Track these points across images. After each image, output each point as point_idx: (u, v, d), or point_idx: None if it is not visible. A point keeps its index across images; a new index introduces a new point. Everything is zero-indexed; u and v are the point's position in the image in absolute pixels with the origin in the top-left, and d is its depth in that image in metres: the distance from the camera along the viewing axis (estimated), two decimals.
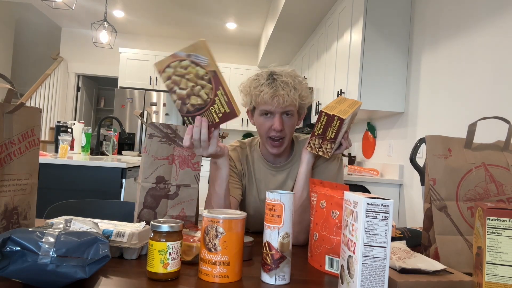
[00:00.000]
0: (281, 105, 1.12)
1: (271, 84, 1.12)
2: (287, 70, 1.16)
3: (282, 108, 1.13)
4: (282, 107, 1.12)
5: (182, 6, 5.00)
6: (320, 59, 4.09)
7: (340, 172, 1.26)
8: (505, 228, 0.65)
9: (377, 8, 2.83)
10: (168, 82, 0.96)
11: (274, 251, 0.74)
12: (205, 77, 0.94)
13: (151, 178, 1.03)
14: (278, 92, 1.10)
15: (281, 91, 1.10)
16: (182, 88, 0.96)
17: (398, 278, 0.69)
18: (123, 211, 1.40)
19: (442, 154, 0.92)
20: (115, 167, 2.56)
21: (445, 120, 2.34)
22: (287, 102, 1.11)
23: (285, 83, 1.11)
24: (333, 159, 1.25)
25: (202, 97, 0.96)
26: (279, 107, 1.12)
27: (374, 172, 3.00)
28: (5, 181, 0.78)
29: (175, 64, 0.94)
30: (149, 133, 1.04)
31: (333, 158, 1.25)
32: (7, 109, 0.79)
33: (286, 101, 1.11)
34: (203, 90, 0.95)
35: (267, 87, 1.11)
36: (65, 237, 0.66)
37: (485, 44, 2.03)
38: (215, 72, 0.93)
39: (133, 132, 5.47)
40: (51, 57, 6.49)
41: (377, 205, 0.62)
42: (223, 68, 6.09)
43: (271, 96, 1.11)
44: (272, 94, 1.10)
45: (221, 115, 0.97)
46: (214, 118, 0.97)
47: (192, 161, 1.07)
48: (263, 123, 1.17)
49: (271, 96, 1.10)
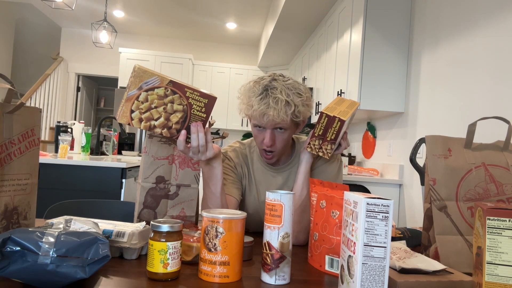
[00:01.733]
0: (270, 122, 1.10)
1: (263, 99, 1.07)
2: (287, 82, 1.12)
3: (272, 125, 1.11)
4: (272, 124, 1.11)
5: (182, 6, 5.00)
6: (320, 59, 4.09)
7: (340, 173, 1.27)
8: (505, 228, 0.65)
9: (377, 8, 2.83)
10: (143, 124, 0.94)
11: (274, 251, 0.74)
12: (167, 93, 0.93)
13: (151, 178, 1.03)
14: (267, 111, 1.07)
15: (271, 111, 1.06)
16: (158, 118, 0.95)
17: (398, 278, 0.69)
18: (123, 211, 1.40)
19: (442, 154, 0.93)
20: (115, 167, 2.56)
21: (445, 120, 2.34)
22: (276, 120, 1.08)
23: (277, 100, 1.06)
24: (333, 160, 1.25)
25: (179, 110, 0.95)
26: (269, 124, 1.11)
27: (374, 172, 3.00)
28: (5, 181, 0.78)
29: (134, 105, 0.93)
30: (149, 133, 1.04)
31: (333, 159, 1.25)
32: (7, 109, 0.79)
33: (275, 120, 1.08)
34: (175, 104, 0.94)
35: (258, 104, 1.08)
36: (65, 237, 0.66)
37: (485, 44, 2.03)
38: (171, 81, 0.93)
39: (133, 132, 5.47)
40: (51, 57, 6.49)
41: (377, 205, 0.62)
42: (223, 68, 6.10)
43: (260, 114, 1.08)
44: (261, 111, 1.08)
45: (204, 109, 0.96)
46: (200, 116, 0.97)
47: (192, 161, 1.07)
48: (256, 135, 1.18)
49: (260, 113, 1.08)
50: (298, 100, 1.09)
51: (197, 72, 6.07)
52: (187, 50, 6.41)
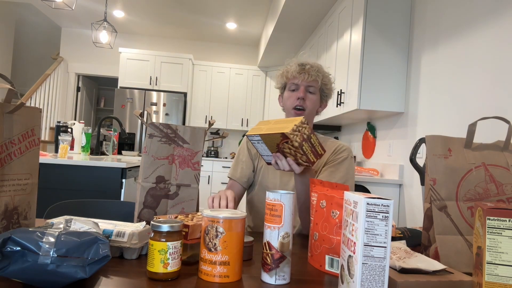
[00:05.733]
0: (306, 79, 1.33)
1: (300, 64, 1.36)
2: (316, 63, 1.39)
3: (307, 82, 1.34)
4: (307, 81, 1.34)
5: (182, 6, 5.00)
6: (320, 59, 4.09)
7: (352, 175, 1.36)
8: (505, 228, 0.65)
9: (377, 8, 2.83)
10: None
11: (274, 251, 0.74)
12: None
13: (151, 178, 1.03)
14: (305, 66, 1.34)
15: (308, 66, 1.34)
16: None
17: (398, 278, 0.69)
18: (123, 211, 1.40)
19: (442, 154, 0.93)
20: (115, 167, 2.56)
21: (445, 120, 2.34)
22: (311, 78, 1.33)
23: (311, 66, 1.35)
24: (342, 160, 1.34)
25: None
26: (304, 80, 1.34)
27: (374, 172, 3.00)
28: (5, 181, 0.78)
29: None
30: (149, 133, 1.04)
31: (342, 160, 1.34)
32: (7, 109, 0.79)
33: (311, 76, 1.32)
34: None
35: (296, 64, 1.36)
36: (66, 237, 0.66)
37: (485, 44, 2.03)
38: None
39: (133, 132, 5.47)
40: (51, 57, 6.49)
41: (377, 205, 0.62)
42: (223, 68, 6.10)
43: (299, 72, 1.34)
44: (299, 70, 1.34)
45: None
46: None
47: (192, 161, 1.07)
48: (290, 96, 1.37)
49: (298, 71, 1.34)
50: (325, 73, 1.37)
51: (197, 72, 6.07)
52: (187, 50, 6.40)
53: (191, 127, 1.09)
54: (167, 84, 5.75)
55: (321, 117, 3.87)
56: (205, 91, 6.08)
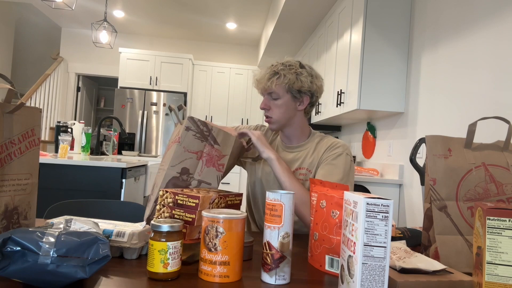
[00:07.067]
0: (262, 88, 1.28)
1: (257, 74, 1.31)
2: (286, 60, 1.30)
3: (263, 90, 1.29)
4: (263, 90, 1.29)
5: (182, 6, 5.00)
6: (320, 59, 4.09)
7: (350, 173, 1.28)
8: (505, 228, 0.65)
9: (377, 8, 2.83)
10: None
11: (274, 251, 0.74)
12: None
13: (177, 167, 1.05)
14: (257, 77, 1.29)
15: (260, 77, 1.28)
16: None
17: (398, 278, 0.69)
18: (123, 211, 1.40)
19: (442, 154, 0.93)
20: (115, 167, 2.57)
21: (445, 120, 2.34)
22: (266, 85, 1.26)
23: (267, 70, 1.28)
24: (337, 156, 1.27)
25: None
26: (260, 90, 1.30)
27: (374, 172, 3.00)
28: (5, 181, 0.78)
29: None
30: (186, 125, 1.06)
31: (337, 155, 1.27)
32: (7, 109, 0.79)
33: (265, 86, 1.26)
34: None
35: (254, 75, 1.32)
36: (66, 237, 0.66)
37: (485, 44, 2.03)
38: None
39: (133, 132, 5.47)
40: (51, 57, 6.49)
41: (377, 205, 0.62)
42: (223, 68, 6.10)
43: (255, 84, 1.31)
44: (255, 82, 1.31)
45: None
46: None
47: (219, 162, 1.08)
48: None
49: (255, 84, 1.31)
50: (291, 71, 1.26)
51: (197, 72, 6.07)
52: (187, 50, 6.40)
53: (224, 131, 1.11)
54: (167, 84, 5.75)
55: (321, 117, 3.87)
56: (205, 91, 6.08)
